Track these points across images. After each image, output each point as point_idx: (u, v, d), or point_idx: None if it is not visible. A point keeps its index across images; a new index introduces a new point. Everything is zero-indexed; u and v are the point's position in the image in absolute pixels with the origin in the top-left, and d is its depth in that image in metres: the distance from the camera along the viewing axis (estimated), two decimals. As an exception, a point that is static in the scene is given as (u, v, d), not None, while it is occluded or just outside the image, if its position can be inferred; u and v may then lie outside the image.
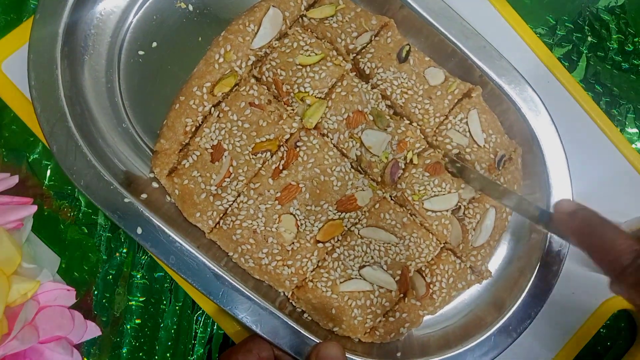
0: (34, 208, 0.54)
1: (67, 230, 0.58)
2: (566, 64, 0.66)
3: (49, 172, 0.59)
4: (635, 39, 0.67)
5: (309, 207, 0.54)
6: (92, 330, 0.54)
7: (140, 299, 0.58)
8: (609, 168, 0.63)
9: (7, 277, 0.50)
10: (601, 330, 0.62)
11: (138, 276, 0.58)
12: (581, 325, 0.61)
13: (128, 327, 0.58)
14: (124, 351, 0.58)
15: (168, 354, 0.58)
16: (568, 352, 0.60)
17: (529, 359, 0.61)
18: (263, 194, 0.54)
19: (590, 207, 0.45)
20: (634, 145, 0.65)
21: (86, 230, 0.59)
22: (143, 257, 0.59)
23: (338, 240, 0.55)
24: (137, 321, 0.58)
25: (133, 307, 0.58)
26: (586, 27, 0.67)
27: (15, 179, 0.55)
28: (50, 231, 0.58)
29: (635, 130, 0.66)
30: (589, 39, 0.67)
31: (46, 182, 0.59)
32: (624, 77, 0.67)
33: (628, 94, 0.66)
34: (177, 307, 0.58)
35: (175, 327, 0.58)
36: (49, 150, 0.58)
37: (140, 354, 0.58)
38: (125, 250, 0.59)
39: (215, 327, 0.58)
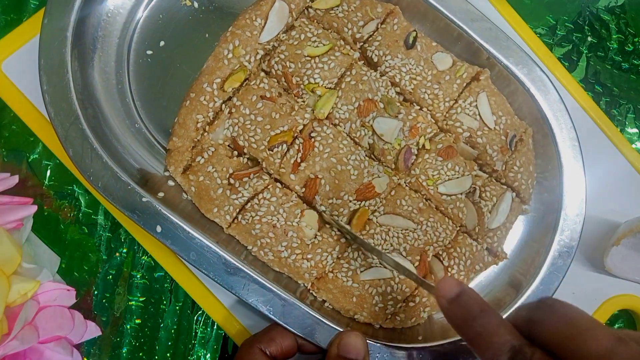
0: (34, 208, 0.54)
1: (67, 230, 0.58)
2: (566, 64, 0.66)
3: (49, 172, 0.59)
4: (635, 39, 0.67)
5: (331, 201, 0.54)
6: (92, 330, 0.54)
7: (140, 299, 0.58)
8: (609, 168, 0.63)
9: (7, 277, 0.49)
10: (601, 330, 0.62)
11: (138, 276, 0.58)
12: (581, 325, 0.61)
13: (128, 327, 0.58)
14: (124, 351, 0.58)
15: (168, 354, 0.58)
16: (568, 352, 0.60)
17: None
18: (287, 193, 0.54)
19: (472, 289, 0.42)
20: (634, 145, 0.65)
21: (86, 230, 0.59)
22: (143, 257, 0.59)
23: (360, 231, 0.55)
24: (137, 321, 0.58)
25: (133, 307, 0.58)
26: (586, 27, 0.67)
27: (15, 179, 0.55)
28: (50, 231, 0.58)
29: (635, 130, 0.66)
30: (589, 39, 0.67)
31: (46, 182, 0.59)
32: (624, 77, 0.67)
33: (628, 94, 0.66)
34: (177, 307, 0.58)
35: (175, 327, 0.58)
36: (49, 150, 0.58)
37: (140, 354, 0.58)
38: (125, 250, 0.59)
39: (215, 327, 0.58)
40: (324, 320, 0.52)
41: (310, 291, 0.55)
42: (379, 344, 0.52)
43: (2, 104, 0.58)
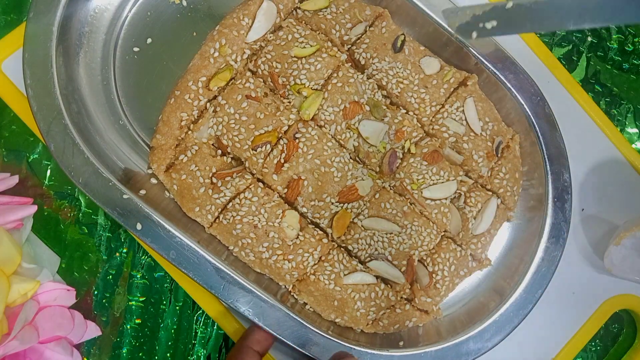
0: (34, 208, 0.54)
1: (67, 230, 0.58)
2: (566, 64, 0.66)
3: (49, 172, 0.59)
4: (635, 39, 0.67)
5: (313, 203, 0.54)
6: (92, 330, 0.54)
7: (140, 299, 0.58)
8: (609, 168, 0.63)
9: (7, 277, 0.50)
10: (601, 330, 0.62)
11: (138, 276, 0.58)
12: (581, 326, 0.61)
13: (128, 327, 0.58)
14: (124, 351, 0.58)
15: (168, 354, 0.58)
16: (568, 352, 0.60)
17: (530, 359, 0.61)
18: (269, 193, 0.54)
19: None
20: (634, 145, 0.65)
21: (86, 230, 0.59)
22: (143, 257, 0.59)
23: (343, 234, 0.55)
24: (137, 321, 0.58)
25: (133, 307, 0.58)
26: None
27: (15, 179, 0.55)
28: (50, 231, 0.58)
29: (635, 130, 0.66)
30: (589, 39, 0.67)
31: (46, 182, 0.59)
32: (624, 77, 0.67)
33: (628, 94, 0.66)
34: (177, 307, 0.58)
35: (175, 327, 0.58)
36: (49, 150, 0.58)
37: (140, 354, 0.58)
38: (125, 250, 0.59)
39: (215, 327, 0.58)
40: (304, 322, 0.51)
41: (292, 293, 0.55)
42: (359, 348, 0.52)
43: (2, 104, 0.58)
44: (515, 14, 0.48)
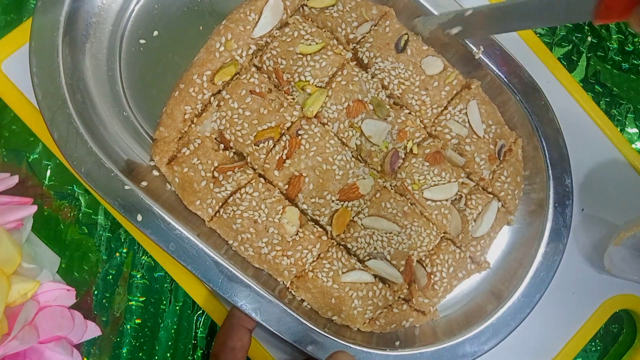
0: (34, 208, 0.54)
1: (67, 230, 0.58)
2: (566, 64, 0.66)
3: (49, 172, 0.59)
4: (635, 39, 0.67)
5: (313, 200, 0.54)
6: (92, 330, 0.54)
7: (140, 299, 0.58)
8: (609, 168, 0.63)
9: (7, 277, 0.49)
10: (601, 330, 0.62)
11: (138, 276, 0.58)
12: (581, 326, 0.61)
13: (128, 327, 0.58)
14: (124, 351, 0.57)
15: (168, 354, 0.58)
16: (568, 352, 0.60)
17: (529, 359, 0.61)
18: (270, 189, 0.54)
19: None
20: (634, 145, 0.65)
21: (86, 230, 0.58)
22: (143, 257, 0.59)
23: (343, 232, 0.55)
24: (137, 321, 0.58)
25: (133, 307, 0.58)
26: (586, 27, 0.67)
27: (15, 179, 0.55)
28: (50, 231, 0.58)
29: (635, 130, 0.66)
30: (589, 39, 0.67)
31: (46, 182, 0.59)
32: (624, 77, 0.67)
33: (628, 94, 0.66)
34: (177, 307, 0.58)
35: (175, 327, 0.58)
36: (49, 150, 0.58)
37: (140, 354, 0.58)
38: (125, 250, 0.58)
39: (216, 327, 0.58)
40: (301, 318, 0.51)
41: (289, 289, 0.55)
42: (356, 347, 0.52)
43: (2, 104, 0.58)
44: (475, 18, 0.53)
